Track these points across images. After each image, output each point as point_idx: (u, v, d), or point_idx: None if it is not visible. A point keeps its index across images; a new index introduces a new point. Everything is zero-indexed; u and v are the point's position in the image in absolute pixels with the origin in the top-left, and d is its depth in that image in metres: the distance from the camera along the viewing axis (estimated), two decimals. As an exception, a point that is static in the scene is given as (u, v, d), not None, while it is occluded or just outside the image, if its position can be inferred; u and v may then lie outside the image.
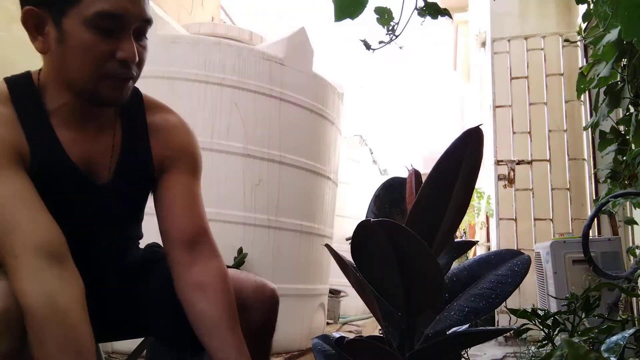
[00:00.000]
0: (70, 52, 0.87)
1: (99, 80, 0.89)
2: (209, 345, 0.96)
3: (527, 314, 1.22)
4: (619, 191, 2.00)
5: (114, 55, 0.88)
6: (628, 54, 1.98)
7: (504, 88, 4.14)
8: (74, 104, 0.94)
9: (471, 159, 0.83)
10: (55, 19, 0.87)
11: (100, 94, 0.91)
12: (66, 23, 0.86)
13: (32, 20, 0.89)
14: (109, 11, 0.85)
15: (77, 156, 0.96)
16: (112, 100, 0.93)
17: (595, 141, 2.85)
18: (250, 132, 2.42)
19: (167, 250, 1.04)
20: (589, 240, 1.93)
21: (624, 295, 1.95)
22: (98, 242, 1.04)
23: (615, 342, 0.64)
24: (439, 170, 0.84)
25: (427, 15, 1.42)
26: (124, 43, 0.88)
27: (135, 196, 1.08)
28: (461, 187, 0.83)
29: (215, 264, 1.02)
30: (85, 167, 0.98)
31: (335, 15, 1.36)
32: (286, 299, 1.14)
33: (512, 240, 3.97)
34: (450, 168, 0.83)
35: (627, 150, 2.16)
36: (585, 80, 2.36)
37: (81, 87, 0.90)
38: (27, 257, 0.80)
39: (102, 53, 0.87)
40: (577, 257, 2.33)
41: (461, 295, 0.88)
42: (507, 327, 0.86)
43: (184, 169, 1.06)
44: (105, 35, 0.86)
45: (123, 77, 0.91)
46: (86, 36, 0.86)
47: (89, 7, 0.85)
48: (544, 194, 3.95)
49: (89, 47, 0.86)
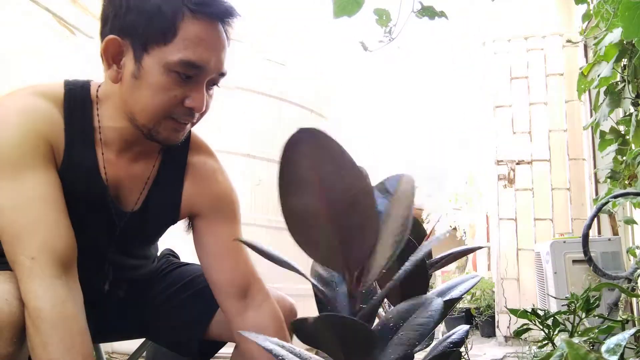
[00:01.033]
0: (143, 89, 0.86)
1: (162, 121, 0.89)
2: None
3: (527, 314, 1.22)
4: (619, 191, 2.00)
5: (184, 101, 0.88)
6: (628, 54, 1.98)
7: (504, 88, 4.15)
8: (127, 131, 0.93)
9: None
10: (137, 53, 0.86)
11: (159, 134, 0.91)
12: (147, 60, 0.85)
13: (113, 50, 0.87)
14: (193, 61, 0.85)
15: (111, 178, 0.96)
16: (169, 141, 0.93)
17: (595, 141, 2.85)
18: (250, 132, 2.42)
19: (219, 300, 1.03)
20: (589, 240, 1.93)
21: (624, 295, 1.95)
22: (109, 260, 1.04)
23: (616, 342, 0.64)
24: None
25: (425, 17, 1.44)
26: (196, 92, 0.88)
27: (154, 230, 1.08)
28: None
29: (268, 308, 1.02)
30: (115, 190, 0.97)
31: (334, 12, 1.40)
32: (288, 299, 1.15)
33: (512, 240, 3.97)
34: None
35: (627, 150, 2.16)
36: (586, 80, 2.36)
37: (143, 123, 0.90)
38: (43, 260, 0.81)
39: (173, 98, 0.87)
40: (577, 257, 2.33)
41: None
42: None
43: (226, 218, 1.05)
44: (181, 81, 0.86)
45: (185, 122, 0.91)
46: (164, 79, 0.85)
47: (174, 53, 0.84)
48: (544, 194, 3.96)
49: (163, 89, 0.86)
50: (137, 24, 0.84)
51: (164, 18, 0.83)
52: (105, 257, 1.03)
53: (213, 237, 1.03)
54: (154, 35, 0.84)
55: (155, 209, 1.01)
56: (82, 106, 0.93)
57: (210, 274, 1.02)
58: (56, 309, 0.79)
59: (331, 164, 0.76)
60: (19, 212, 0.82)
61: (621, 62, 2.06)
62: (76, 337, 0.80)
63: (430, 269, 1.08)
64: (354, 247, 0.83)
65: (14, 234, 0.82)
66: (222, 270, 1.01)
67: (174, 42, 0.84)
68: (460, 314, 4.28)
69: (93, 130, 0.93)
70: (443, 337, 1.04)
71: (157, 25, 0.84)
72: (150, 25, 0.84)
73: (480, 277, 1.52)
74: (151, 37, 0.84)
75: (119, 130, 0.93)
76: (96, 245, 0.99)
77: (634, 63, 1.99)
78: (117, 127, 0.93)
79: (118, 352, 2.48)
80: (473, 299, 4.42)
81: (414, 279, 0.94)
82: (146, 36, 0.84)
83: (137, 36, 0.85)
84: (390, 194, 0.89)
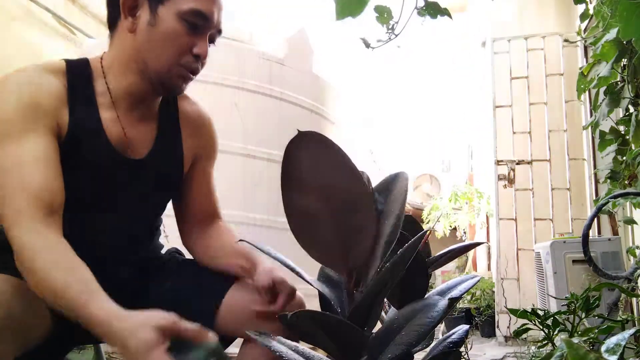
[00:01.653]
0: (159, 36, 0.97)
1: (173, 67, 0.99)
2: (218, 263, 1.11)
3: (527, 314, 1.22)
4: (619, 191, 2.00)
5: (192, 49, 0.99)
6: (628, 53, 1.98)
7: (504, 88, 4.15)
8: (135, 87, 1.02)
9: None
10: (152, 5, 0.97)
11: (170, 81, 1.01)
12: (162, 10, 0.97)
13: (130, 3, 0.98)
14: (201, 10, 0.98)
15: (115, 134, 1.02)
16: (177, 89, 1.04)
17: (595, 141, 2.85)
18: (250, 131, 2.42)
19: (184, 225, 1.18)
20: (589, 240, 1.93)
21: (624, 295, 1.95)
22: (122, 220, 1.08)
23: (615, 342, 0.64)
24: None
25: (427, 15, 1.42)
26: (201, 42, 1.00)
27: (166, 177, 1.13)
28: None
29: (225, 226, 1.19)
30: (120, 144, 1.03)
31: (336, 13, 1.37)
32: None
33: (512, 240, 3.97)
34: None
35: (627, 150, 2.16)
36: (585, 80, 2.36)
37: (156, 69, 0.99)
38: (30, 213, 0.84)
39: (184, 44, 0.98)
40: (577, 257, 2.33)
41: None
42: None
43: (211, 157, 1.20)
44: (190, 29, 0.98)
45: (191, 70, 1.02)
46: (177, 25, 0.97)
47: (185, 3, 0.97)
48: (544, 194, 3.95)
49: (176, 35, 0.97)
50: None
51: None
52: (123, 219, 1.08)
53: (199, 173, 1.18)
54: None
55: (162, 159, 1.10)
56: (83, 74, 1.01)
57: (187, 201, 1.17)
58: (39, 243, 0.82)
59: (330, 168, 0.76)
60: (7, 173, 0.87)
61: (621, 62, 2.06)
62: (61, 256, 0.82)
63: (429, 268, 1.08)
64: (352, 248, 0.84)
65: (4, 195, 0.85)
66: (198, 199, 1.17)
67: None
68: (460, 314, 4.28)
69: (95, 94, 1.01)
70: (443, 337, 1.04)
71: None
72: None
73: (480, 277, 1.52)
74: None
75: (126, 87, 1.02)
76: (114, 208, 1.05)
77: (633, 63, 1.99)
78: (125, 85, 1.02)
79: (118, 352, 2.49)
80: (473, 299, 4.42)
81: (413, 279, 0.94)
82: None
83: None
84: (389, 192, 0.90)
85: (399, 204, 0.84)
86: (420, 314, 0.83)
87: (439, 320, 0.81)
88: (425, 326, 0.79)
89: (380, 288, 0.79)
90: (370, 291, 0.79)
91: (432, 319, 0.80)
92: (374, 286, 0.79)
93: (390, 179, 0.92)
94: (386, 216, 0.85)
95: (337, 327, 0.77)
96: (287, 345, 0.84)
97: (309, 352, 0.87)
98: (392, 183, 0.91)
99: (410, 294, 0.94)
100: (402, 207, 0.84)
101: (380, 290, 0.80)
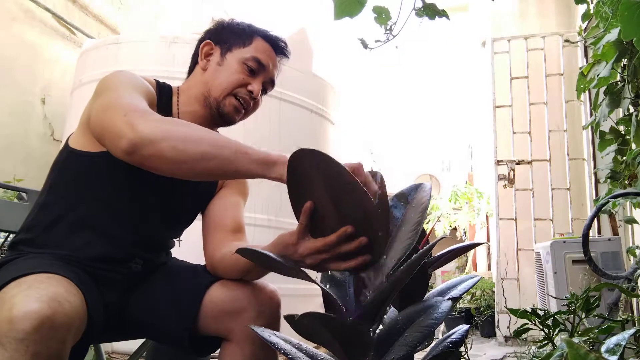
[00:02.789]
0: (223, 72, 1.21)
1: (228, 97, 1.21)
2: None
3: (527, 314, 1.22)
4: (619, 191, 2.00)
5: (246, 86, 1.21)
6: (628, 54, 1.98)
7: (504, 88, 4.15)
8: (197, 114, 1.22)
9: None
10: (222, 52, 1.24)
11: (224, 107, 1.21)
12: (229, 55, 1.23)
13: (207, 50, 1.26)
14: (259, 58, 1.22)
15: None
16: (229, 117, 1.22)
17: (595, 141, 2.85)
18: (250, 131, 2.42)
19: (211, 232, 1.20)
20: (589, 240, 1.93)
21: (624, 295, 1.95)
22: (158, 225, 1.20)
23: (615, 342, 0.64)
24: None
25: (425, 16, 1.42)
26: (256, 82, 1.23)
27: (197, 201, 1.26)
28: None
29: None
30: None
31: (334, 13, 1.37)
32: (286, 299, 1.14)
33: (512, 240, 3.97)
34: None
35: (627, 150, 2.16)
36: (585, 80, 2.36)
37: (214, 97, 1.20)
38: (140, 111, 0.96)
39: (241, 80, 1.21)
40: (577, 257, 2.33)
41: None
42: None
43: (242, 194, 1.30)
44: (248, 71, 1.22)
45: (243, 102, 1.22)
46: (238, 67, 1.21)
47: (248, 52, 1.22)
48: (544, 194, 3.95)
49: (236, 72, 1.21)
50: (227, 37, 1.25)
51: (247, 37, 1.24)
52: (156, 226, 1.20)
53: (227, 192, 1.27)
54: (237, 42, 1.23)
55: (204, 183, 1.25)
56: (167, 95, 1.22)
57: (214, 214, 1.23)
58: (162, 129, 0.91)
59: (330, 184, 0.78)
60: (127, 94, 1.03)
61: (621, 62, 2.06)
62: (188, 128, 0.96)
63: (429, 268, 1.08)
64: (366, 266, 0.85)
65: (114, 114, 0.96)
66: (225, 212, 1.23)
67: (248, 47, 1.23)
68: (460, 314, 4.28)
69: (172, 115, 1.20)
70: (443, 337, 1.04)
71: (241, 39, 1.24)
72: (238, 39, 1.24)
73: (480, 277, 1.51)
74: (235, 43, 1.23)
75: (192, 114, 1.21)
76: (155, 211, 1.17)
77: (633, 63, 1.99)
78: (191, 111, 1.22)
79: (118, 352, 2.48)
80: (473, 299, 4.42)
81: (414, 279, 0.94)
82: (232, 44, 1.23)
83: (226, 43, 1.24)
84: (408, 202, 0.92)
85: (419, 212, 0.87)
86: (424, 315, 0.83)
87: (442, 321, 0.82)
88: (428, 328, 0.80)
89: (390, 292, 0.80)
90: (383, 293, 0.80)
91: (435, 320, 0.81)
92: (386, 290, 0.80)
93: (413, 188, 0.95)
94: (404, 223, 0.87)
95: (344, 329, 0.78)
96: (290, 343, 0.85)
97: (312, 350, 0.87)
98: (413, 192, 0.94)
99: (411, 294, 0.95)
100: (422, 216, 0.86)
101: (390, 294, 0.81)
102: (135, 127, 0.90)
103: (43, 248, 1.07)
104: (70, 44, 4.31)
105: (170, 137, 0.89)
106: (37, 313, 0.78)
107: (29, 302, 0.79)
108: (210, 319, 1.10)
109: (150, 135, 0.89)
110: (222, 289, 1.11)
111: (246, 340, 1.05)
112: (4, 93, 3.67)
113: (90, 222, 1.11)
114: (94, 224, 1.11)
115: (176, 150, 0.89)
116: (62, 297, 0.84)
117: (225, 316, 1.08)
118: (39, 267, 0.91)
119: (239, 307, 1.07)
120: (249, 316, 1.06)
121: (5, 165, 3.54)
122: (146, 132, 0.89)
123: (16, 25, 3.77)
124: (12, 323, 0.77)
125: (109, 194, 1.12)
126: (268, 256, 0.88)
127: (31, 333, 0.77)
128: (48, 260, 1.00)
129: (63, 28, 4.26)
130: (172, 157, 0.89)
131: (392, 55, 5.65)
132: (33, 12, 3.92)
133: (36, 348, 0.77)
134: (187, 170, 0.92)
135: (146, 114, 0.94)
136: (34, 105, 3.95)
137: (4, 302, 0.81)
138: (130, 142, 0.89)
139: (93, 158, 1.10)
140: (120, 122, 0.92)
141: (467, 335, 1.04)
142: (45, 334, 0.78)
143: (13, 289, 0.84)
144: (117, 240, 1.12)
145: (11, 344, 0.76)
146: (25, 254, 1.05)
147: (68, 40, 4.31)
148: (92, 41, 3.82)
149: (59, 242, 1.08)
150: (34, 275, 0.88)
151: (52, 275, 0.90)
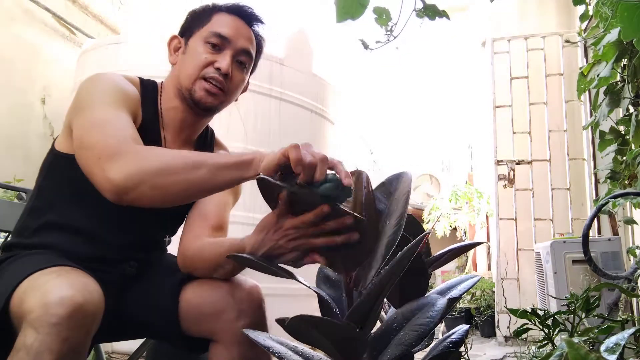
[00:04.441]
0: (186, 59, 1.17)
1: (197, 81, 1.14)
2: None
3: (527, 314, 1.22)
4: (619, 191, 1.99)
5: (213, 64, 1.15)
6: (628, 54, 1.98)
7: (504, 88, 4.15)
8: (179, 109, 1.18)
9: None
10: (185, 40, 1.20)
11: (195, 94, 1.14)
12: (191, 41, 1.19)
13: (175, 44, 1.23)
14: (219, 32, 1.16)
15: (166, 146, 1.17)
16: (202, 102, 1.15)
17: (595, 141, 2.85)
18: (250, 132, 2.42)
19: (195, 224, 1.16)
20: (589, 240, 1.93)
21: (624, 295, 1.95)
22: (150, 225, 1.19)
23: (615, 341, 0.64)
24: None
25: (425, 17, 1.42)
26: (222, 57, 1.15)
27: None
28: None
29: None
30: None
31: (337, 16, 1.37)
32: (286, 299, 1.14)
33: (512, 240, 3.97)
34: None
35: (627, 150, 2.16)
36: (586, 80, 2.36)
37: (185, 86, 1.15)
38: (128, 143, 0.95)
39: (204, 60, 1.15)
40: (577, 257, 2.33)
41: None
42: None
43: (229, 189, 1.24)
44: (211, 48, 1.16)
45: (215, 82, 1.15)
46: (200, 48, 1.16)
47: (207, 29, 1.17)
48: (544, 194, 3.95)
49: (198, 54, 1.15)
50: (189, 24, 1.21)
51: (205, 16, 1.19)
52: (147, 230, 1.19)
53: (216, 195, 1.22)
54: (197, 25, 1.19)
55: None
56: (152, 93, 1.19)
57: (200, 208, 1.18)
58: (141, 152, 0.93)
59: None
60: (107, 121, 1.00)
61: (621, 62, 2.06)
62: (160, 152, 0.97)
63: (429, 268, 1.08)
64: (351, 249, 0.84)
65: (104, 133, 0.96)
66: (211, 208, 1.18)
67: (207, 25, 1.17)
68: (460, 314, 4.28)
69: (158, 114, 1.18)
70: (443, 337, 1.03)
71: (200, 20, 1.19)
72: (197, 21, 1.19)
73: (480, 277, 1.51)
74: (195, 27, 1.19)
75: (174, 110, 1.18)
76: (136, 217, 1.11)
77: (633, 63, 1.99)
78: (172, 107, 1.18)
79: (118, 352, 2.48)
80: (473, 299, 4.42)
81: (413, 279, 0.94)
82: (193, 28, 1.19)
83: (189, 31, 1.20)
84: (391, 192, 0.90)
85: (402, 204, 0.84)
86: (420, 313, 0.82)
87: (439, 319, 0.80)
88: (424, 326, 0.79)
89: (380, 290, 0.79)
90: (371, 292, 0.79)
91: (431, 318, 0.80)
92: (375, 288, 0.79)
93: (393, 178, 0.92)
94: (388, 216, 0.85)
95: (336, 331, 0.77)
96: (286, 345, 0.84)
97: (308, 352, 0.86)
98: (394, 183, 0.91)
99: (410, 294, 0.94)
100: (405, 207, 0.84)
101: (381, 291, 0.80)
102: (110, 179, 0.89)
103: (34, 250, 1.07)
104: (70, 44, 4.31)
105: (145, 177, 0.89)
106: (71, 299, 0.80)
107: (63, 288, 0.81)
108: (190, 321, 1.08)
109: (126, 182, 0.88)
110: (198, 290, 1.09)
111: (233, 342, 1.03)
112: (4, 93, 3.67)
113: (77, 226, 1.10)
114: (82, 227, 1.10)
115: (156, 189, 0.90)
116: (91, 286, 0.87)
117: (204, 318, 1.06)
118: (55, 261, 0.93)
119: (217, 309, 1.05)
120: (229, 317, 1.04)
121: (5, 165, 3.53)
122: (121, 181, 0.88)
123: (16, 25, 3.77)
124: (47, 307, 0.78)
125: (96, 196, 1.10)
126: (251, 259, 0.90)
127: (65, 318, 0.78)
128: (55, 256, 1.00)
129: (63, 28, 4.26)
130: (155, 196, 0.91)
131: (392, 55, 5.65)
132: (33, 12, 3.92)
133: (67, 334, 0.79)
134: (174, 200, 0.94)
135: (117, 154, 0.91)
136: (33, 106, 3.95)
137: (35, 289, 0.83)
138: (111, 194, 0.90)
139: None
140: (96, 169, 0.92)
141: (467, 335, 1.03)
142: (77, 321, 0.80)
143: (40, 277, 0.86)
144: (107, 243, 1.11)
145: (44, 328, 0.77)
146: (23, 255, 1.04)
147: (68, 40, 4.30)
148: (92, 41, 3.82)
149: (48, 245, 1.07)
150: (56, 267, 0.90)
151: (74, 268, 0.92)
